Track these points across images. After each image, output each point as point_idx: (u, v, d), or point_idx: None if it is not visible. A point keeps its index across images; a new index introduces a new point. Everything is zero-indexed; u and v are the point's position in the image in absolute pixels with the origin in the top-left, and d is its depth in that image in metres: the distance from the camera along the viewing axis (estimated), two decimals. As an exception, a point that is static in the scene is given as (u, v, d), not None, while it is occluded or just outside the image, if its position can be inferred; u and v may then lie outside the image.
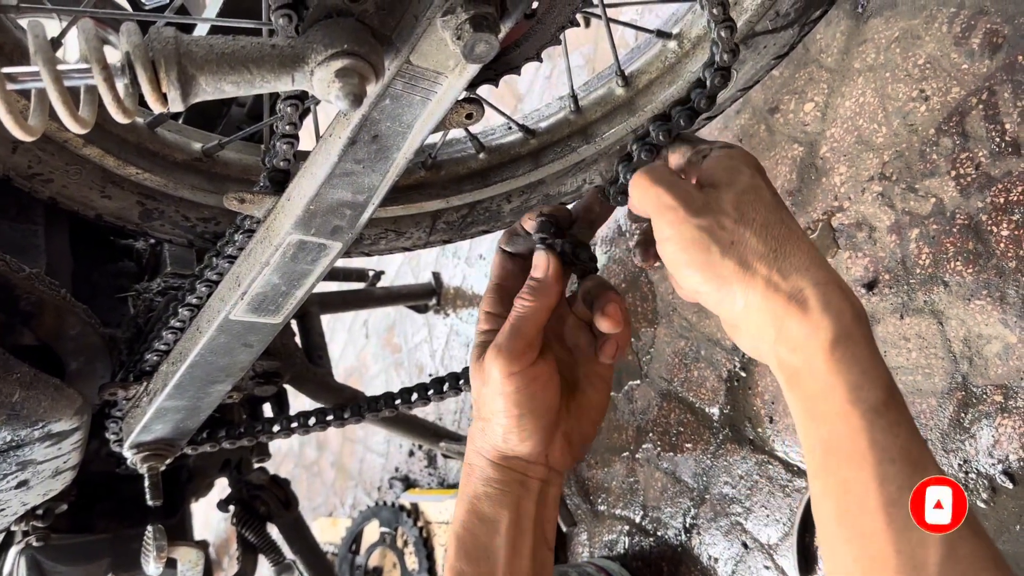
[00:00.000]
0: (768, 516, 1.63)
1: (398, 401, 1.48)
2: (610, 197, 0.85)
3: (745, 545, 1.66)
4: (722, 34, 0.82)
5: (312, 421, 1.49)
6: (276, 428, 1.49)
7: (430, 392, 1.44)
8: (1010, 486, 1.28)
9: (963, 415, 1.35)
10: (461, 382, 1.44)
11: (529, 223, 0.85)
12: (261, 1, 0.93)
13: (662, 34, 1.21)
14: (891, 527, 0.60)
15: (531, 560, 0.83)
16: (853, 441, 0.63)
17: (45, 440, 1.14)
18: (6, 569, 1.53)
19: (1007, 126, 1.36)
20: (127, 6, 1.53)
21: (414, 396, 1.44)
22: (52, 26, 1.55)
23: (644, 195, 0.74)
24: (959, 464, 1.34)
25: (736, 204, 0.70)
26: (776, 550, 1.60)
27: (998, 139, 1.37)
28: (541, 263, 0.82)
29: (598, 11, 1.13)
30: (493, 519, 0.83)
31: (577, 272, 0.87)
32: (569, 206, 0.88)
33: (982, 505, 1.30)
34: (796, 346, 0.66)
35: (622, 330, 0.83)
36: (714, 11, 0.82)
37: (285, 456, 3.95)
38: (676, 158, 0.81)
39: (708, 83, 0.83)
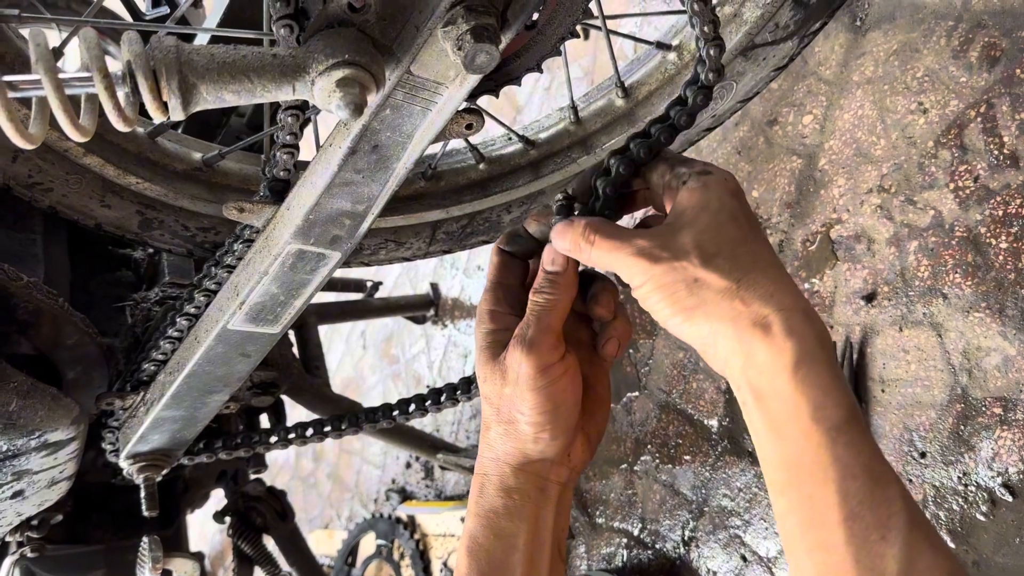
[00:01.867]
0: (767, 529, 1.63)
1: (396, 412, 1.47)
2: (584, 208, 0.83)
3: (744, 558, 1.66)
4: (711, 52, 0.82)
5: (309, 432, 1.49)
6: (273, 439, 1.48)
7: (427, 403, 1.43)
8: (1010, 499, 1.27)
9: (962, 427, 1.35)
10: (458, 393, 1.43)
11: (533, 225, 0.85)
12: (262, 11, 0.93)
13: (662, 46, 1.21)
14: (852, 540, 0.63)
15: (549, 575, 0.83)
16: (816, 457, 0.65)
17: (41, 450, 1.13)
18: (1, 580, 1.52)
19: (1005, 139, 1.37)
20: (128, 16, 1.53)
21: (411, 407, 1.43)
22: (53, 36, 1.55)
23: (601, 256, 0.76)
24: (959, 477, 1.34)
25: (696, 243, 0.71)
26: (775, 563, 1.60)
27: (996, 152, 1.38)
28: (555, 258, 0.82)
29: (598, 23, 1.14)
30: (510, 534, 0.82)
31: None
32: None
33: (981, 518, 1.30)
34: (762, 369, 0.68)
35: (621, 325, 0.84)
36: (705, 29, 0.82)
37: (281, 468, 3.94)
38: (655, 177, 0.81)
39: (690, 101, 0.83)
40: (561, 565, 0.85)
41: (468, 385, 1.36)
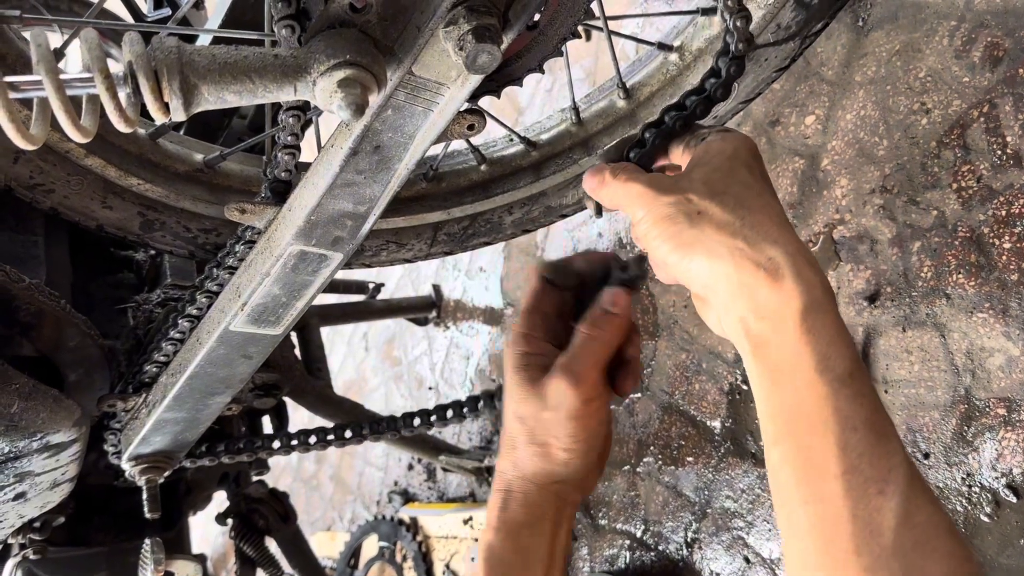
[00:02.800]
0: (770, 530, 1.62)
1: (401, 426, 1.48)
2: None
3: (747, 560, 1.65)
4: (738, 24, 0.83)
5: (313, 440, 1.49)
6: (276, 444, 1.49)
7: (433, 419, 1.45)
8: (1014, 500, 1.27)
9: (966, 428, 1.34)
10: (465, 409, 1.45)
11: (580, 262, 0.88)
12: (264, 12, 0.93)
13: (663, 47, 1.21)
14: (849, 493, 0.62)
15: None
16: (818, 408, 0.64)
17: (43, 452, 1.13)
18: (3, 582, 1.52)
19: (1008, 139, 1.36)
20: (129, 17, 1.53)
21: (417, 421, 1.44)
22: (55, 37, 1.55)
23: (614, 190, 0.77)
24: (962, 478, 1.34)
25: (705, 179, 0.72)
26: (778, 565, 1.59)
27: (999, 152, 1.37)
28: (621, 301, 0.83)
29: (600, 23, 1.14)
30: (530, 549, 0.84)
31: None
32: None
33: (985, 519, 1.30)
34: (766, 314, 0.67)
35: (637, 364, 0.85)
36: (730, 2, 0.83)
37: (283, 469, 3.94)
38: (678, 149, 0.82)
39: (723, 72, 0.84)
40: None
41: (476, 403, 1.38)
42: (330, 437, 1.52)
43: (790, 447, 0.66)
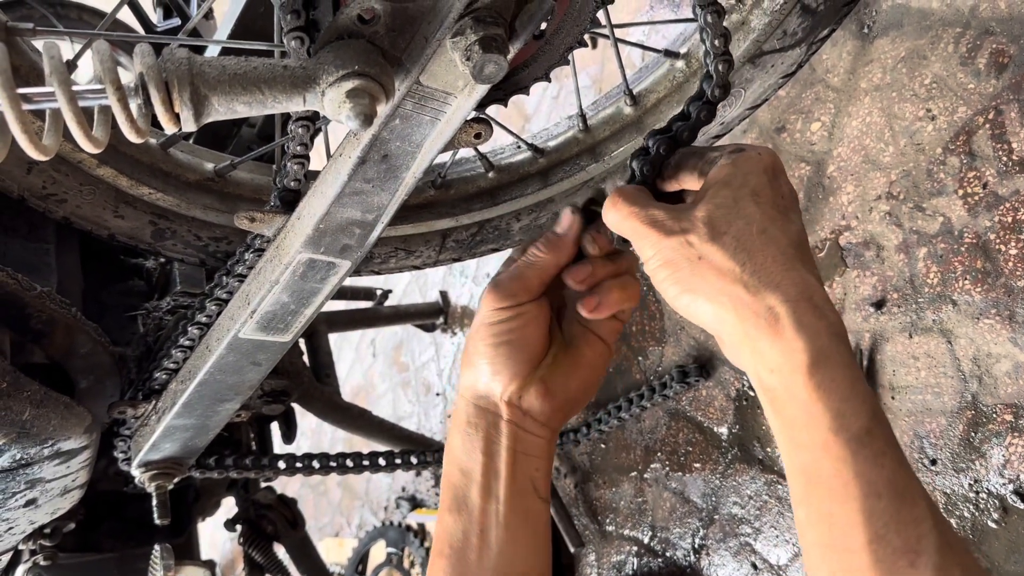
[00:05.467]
0: (778, 537, 1.62)
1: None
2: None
3: (755, 566, 1.65)
4: (719, 68, 0.82)
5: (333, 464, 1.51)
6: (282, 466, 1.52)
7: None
8: (1021, 506, 1.27)
9: (973, 434, 1.34)
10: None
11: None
12: (273, 23, 0.94)
13: (670, 54, 1.22)
14: (877, 565, 0.59)
15: (508, 507, 0.82)
16: (837, 473, 0.61)
17: (54, 458, 1.14)
18: (14, 588, 1.53)
19: (1014, 145, 1.37)
20: (140, 29, 1.54)
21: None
22: (66, 49, 1.56)
23: (620, 221, 0.76)
24: (969, 484, 1.34)
25: (707, 219, 0.69)
26: (786, 571, 1.59)
27: (1005, 158, 1.37)
28: (565, 221, 0.84)
29: (606, 31, 1.14)
30: (469, 467, 0.84)
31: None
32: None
33: (993, 525, 1.30)
34: (773, 368, 0.65)
35: (615, 292, 0.84)
36: (715, 43, 0.83)
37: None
38: (687, 170, 0.80)
39: (693, 116, 0.84)
40: (535, 501, 0.84)
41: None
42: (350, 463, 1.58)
43: (813, 512, 0.63)
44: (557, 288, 0.88)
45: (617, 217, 0.76)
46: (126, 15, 1.56)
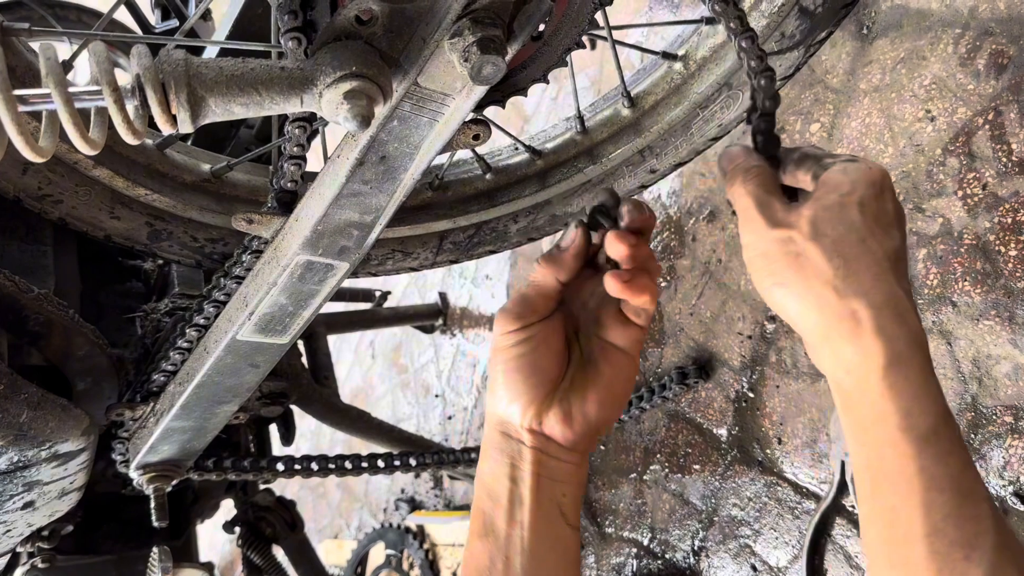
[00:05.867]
0: (777, 538, 1.62)
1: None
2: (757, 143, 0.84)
3: (754, 568, 1.65)
4: (762, 83, 0.82)
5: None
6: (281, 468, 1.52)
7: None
8: (1021, 507, 1.27)
9: (972, 436, 1.34)
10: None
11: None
12: (270, 24, 0.93)
13: (668, 56, 1.22)
14: (934, 556, 0.60)
15: (533, 533, 0.81)
16: (901, 468, 0.63)
17: (52, 461, 1.14)
18: (12, 591, 1.53)
19: (1014, 146, 1.36)
20: (137, 29, 1.54)
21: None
22: (63, 49, 1.56)
23: (739, 193, 0.77)
24: (969, 486, 1.33)
25: (812, 219, 0.71)
26: (785, 573, 1.59)
27: (1005, 159, 1.37)
28: (569, 236, 0.83)
29: (604, 33, 1.14)
30: (496, 493, 0.83)
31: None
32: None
33: (993, 527, 1.29)
34: (849, 368, 0.66)
35: (638, 279, 0.81)
36: (752, 63, 0.83)
37: (291, 477, 3.94)
38: (804, 170, 0.80)
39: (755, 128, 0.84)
40: (564, 528, 0.83)
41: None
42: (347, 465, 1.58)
43: (876, 507, 0.65)
44: (573, 307, 0.87)
45: (739, 189, 0.77)
46: (124, 16, 1.56)
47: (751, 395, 1.74)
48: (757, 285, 0.74)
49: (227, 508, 1.97)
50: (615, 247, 0.80)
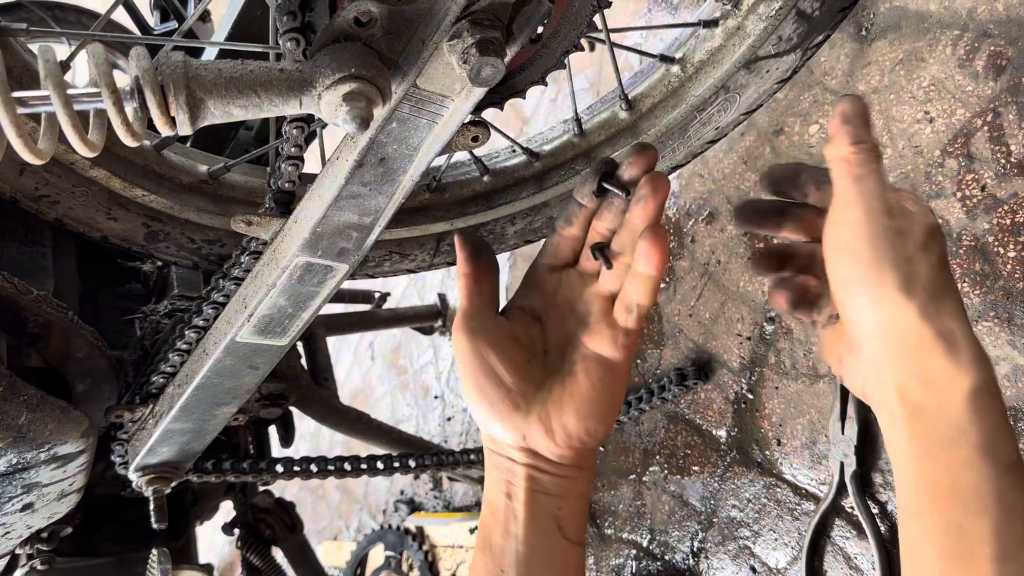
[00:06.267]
0: (776, 540, 1.62)
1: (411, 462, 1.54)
2: None
3: (753, 569, 1.65)
4: None
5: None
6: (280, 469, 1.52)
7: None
8: (1020, 509, 1.27)
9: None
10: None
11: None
12: (269, 25, 0.93)
13: (665, 58, 1.22)
14: None
15: (527, 547, 0.80)
16: (976, 489, 0.62)
17: (51, 463, 1.14)
18: (11, 593, 1.53)
19: (1012, 147, 1.37)
20: (136, 30, 1.54)
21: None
22: (61, 49, 1.56)
23: (861, 165, 0.68)
24: (968, 487, 1.33)
25: (924, 233, 0.68)
26: (785, 574, 1.59)
27: (1003, 160, 1.37)
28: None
29: (602, 36, 1.14)
30: (494, 505, 0.83)
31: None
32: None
33: (992, 528, 1.29)
34: (933, 384, 0.65)
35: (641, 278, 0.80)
36: None
37: (290, 479, 3.94)
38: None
39: None
40: (562, 543, 0.82)
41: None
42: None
43: (937, 523, 0.63)
44: (554, 316, 0.86)
45: (867, 156, 0.69)
46: (124, 18, 1.56)
47: (750, 396, 1.74)
48: (840, 269, 0.70)
49: (226, 510, 1.97)
50: (634, 173, 0.81)
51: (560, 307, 0.87)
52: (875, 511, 1.44)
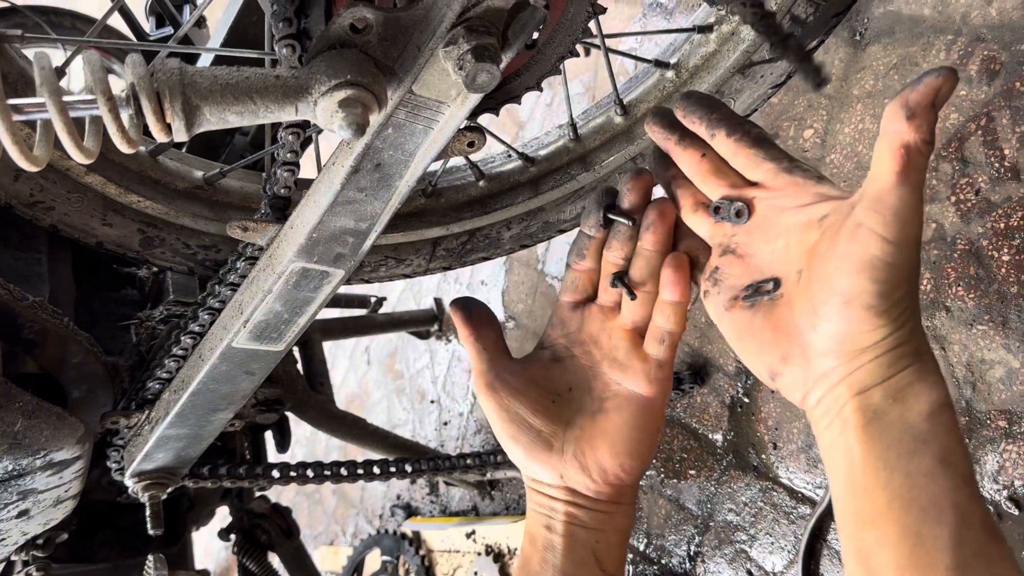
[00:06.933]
0: (773, 543, 1.62)
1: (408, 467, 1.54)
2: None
3: (750, 573, 1.65)
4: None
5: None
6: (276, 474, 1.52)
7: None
8: (1016, 512, 1.27)
9: (967, 441, 1.34)
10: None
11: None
12: (265, 31, 0.93)
13: (660, 64, 1.22)
14: None
15: None
16: (935, 499, 0.62)
17: (47, 469, 1.13)
18: (6, 599, 1.52)
19: (1006, 151, 1.37)
20: (132, 36, 1.54)
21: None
22: (57, 55, 1.56)
23: (904, 185, 0.61)
24: (963, 490, 1.34)
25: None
26: (781, 578, 1.59)
27: (997, 164, 1.38)
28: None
29: (597, 41, 1.14)
30: (533, 534, 0.84)
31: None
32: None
33: (987, 532, 1.30)
34: (899, 396, 0.65)
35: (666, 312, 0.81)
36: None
37: (286, 484, 3.93)
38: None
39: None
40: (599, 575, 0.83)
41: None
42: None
43: (893, 532, 0.63)
44: (580, 353, 0.86)
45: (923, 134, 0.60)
46: (120, 24, 1.56)
47: (746, 400, 1.74)
48: (840, 281, 0.65)
49: (223, 515, 1.97)
50: (637, 198, 0.81)
51: (585, 343, 0.86)
52: (871, 514, 1.44)
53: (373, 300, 2.93)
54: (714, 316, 0.79)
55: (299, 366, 2.00)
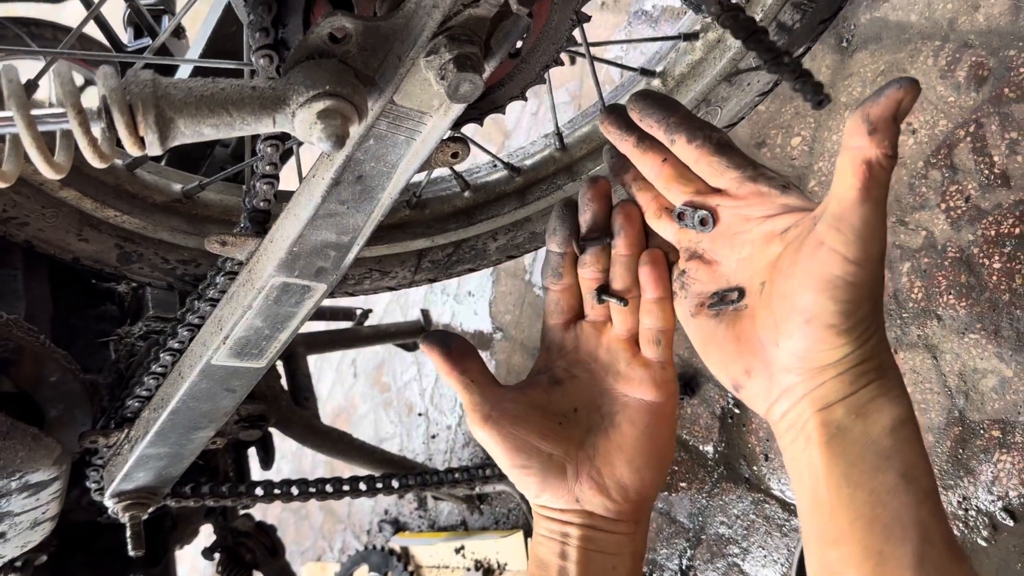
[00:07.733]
0: (765, 556, 1.60)
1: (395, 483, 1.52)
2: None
3: (742, 586, 1.63)
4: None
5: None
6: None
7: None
8: (1011, 523, 1.26)
9: (961, 451, 1.33)
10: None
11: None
12: (242, 42, 0.91)
13: (646, 72, 1.21)
14: None
15: None
16: (898, 516, 0.61)
17: (23, 491, 1.11)
18: (-16, 623, 1.49)
19: (995, 158, 1.36)
20: (109, 46, 1.52)
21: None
22: (37, 66, 1.53)
23: (877, 161, 0.60)
24: (958, 501, 1.32)
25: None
26: (774, 591, 1.57)
27: (987, 171, 1.37)
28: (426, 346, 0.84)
29: (582, 50, 1.13)
30: (546, 562, 0.81)
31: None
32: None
33: (983, 543, 1.28)
34: (862, 412, 0.64)
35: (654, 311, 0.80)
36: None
37: (273, 498, 3.89)
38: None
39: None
40: None
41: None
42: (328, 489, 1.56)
43: (856, 552, 0.62)
44: (580, 371, 0.84)
45: (869, 197, 0.61)
46: (99, 35, 1.53)
47: (737, 411, 1.72)
48: (803, 296, 0.63)
49: (207, 533, 1.93)
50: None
51: (584, 362, 0.84)
52: (864, 526, 1.43)
53: (359, 312, 2.90)
54: (681, 319, 0.79)
55: (283, 381, 1.98)
